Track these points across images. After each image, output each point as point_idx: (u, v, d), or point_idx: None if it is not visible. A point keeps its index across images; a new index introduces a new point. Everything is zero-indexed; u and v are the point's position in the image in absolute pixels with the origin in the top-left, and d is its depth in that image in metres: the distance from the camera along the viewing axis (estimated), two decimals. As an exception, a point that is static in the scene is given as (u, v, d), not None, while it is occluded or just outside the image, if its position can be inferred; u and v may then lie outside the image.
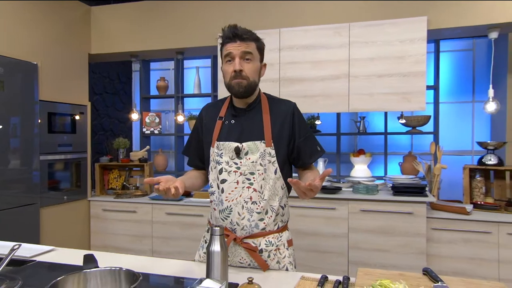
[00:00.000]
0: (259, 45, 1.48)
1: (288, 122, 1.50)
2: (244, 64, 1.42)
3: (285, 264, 1.50)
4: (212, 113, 1.58)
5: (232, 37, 1.42)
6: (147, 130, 4.72)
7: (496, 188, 3.10)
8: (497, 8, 2.78)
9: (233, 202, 1.44)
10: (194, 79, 4.59)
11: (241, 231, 1.45)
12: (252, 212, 1.44)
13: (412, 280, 1.18)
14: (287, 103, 1.56)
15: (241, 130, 1.48)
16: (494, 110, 2.91)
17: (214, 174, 1.50)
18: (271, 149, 1.45)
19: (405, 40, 2.90)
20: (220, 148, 1.47)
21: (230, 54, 1.42)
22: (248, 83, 1.43)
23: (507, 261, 2.73)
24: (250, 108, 1.51)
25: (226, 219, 1.47)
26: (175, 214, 3.49)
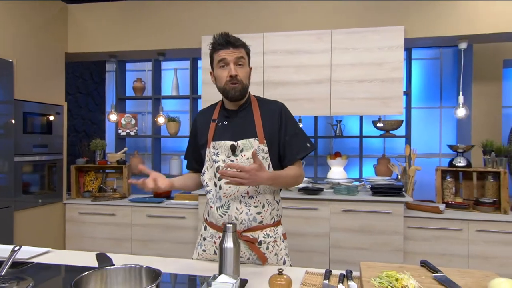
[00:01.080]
0: (247, 50, 1.60)
1: (276, 120, 1.58)
2: (237, 69, 1.52)
3: (282, 256, 1.58)
4: (205, 118, 1.66)
5: (225, 44, 1.51)
6: (123, 131, 4.63)
7: (465, 189, 3.32)
8: (466, 21, 2.99)
9: (231, 198, 1.51)
10: (172, 81, 4.56)
11: (240, 225, 1.52)
12: (249, 206, 1.51)
13: (412, 272, 1.27)
14: (276, 103, 1.66)
15: (235, 129, 1.56)
16: (463, 116, 3.12)
17: (210, 173, 1.57)
18: (264, 146, 1.53)
19: (384, 48, 3.05)
20: (216, 148, 1.55)
21: (224, 60, 1.51)
22: (242, 86, 1.54)
23: (475, 256, 2.93)
24: (241, 109, 1.60)
25: (224, 214, 1.53)
26: (156, 217, 3.47)
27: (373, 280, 1.18)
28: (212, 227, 1.60)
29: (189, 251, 3.39)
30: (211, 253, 1.59)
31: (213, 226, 1.59)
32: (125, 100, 4.79)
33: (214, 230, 1.59)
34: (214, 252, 1.58)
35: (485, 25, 2.97)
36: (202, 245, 1.63)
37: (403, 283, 1.13)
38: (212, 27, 3.43)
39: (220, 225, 1.54)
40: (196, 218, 3.36)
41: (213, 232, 1.59)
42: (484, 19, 2.97)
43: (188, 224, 3.40)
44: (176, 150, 4.85)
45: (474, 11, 2.98)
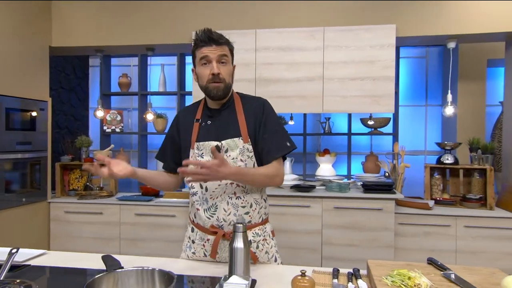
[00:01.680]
0: (231, 47, 1.53)
1: (258, 116, 1.53)
2: (220, 67, 1.46)
3: (273, 254, 1.57)
4: (188, 117, 1.60)
5: (208, 41, 1.45)
6: (108, 128, 4.53)
7: (451, 185, 3.39)
8: (456, 21, 3.04)
9: (218, 199, 1.48)
10: (159, 77, 4.48)
11: (228, 226, 1.49)
12: (237, 207, 1.49)
13: (420, 269, 1.28)
14: (258, 99, 1.60)
15: (218, 129, 1.52)
16: (452, 114, 3.18)
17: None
18: (248, 145, 1.50)
19: (376, 46, 3.08)
20: (200, 149, 1.51)
21: (206, 57, 1.45)
22: (225, 85, 1.48)
23: (463, 251, 3.00)
24: (224, 107, 1.55)
25: (212, 216, 1.49)
26: (145, 215, 3.40)
27: (385, 279, 1.18)
28: (199, 229, 1.55)
29: (179, 250, 3.34)
30: (200, 256, 1.55)
31: (201, 228, 1.54)
32: (110, 96, 4.68)
33: (202, 233, 1.54)
34: (204, 254, 1.54)
35: (474, 25, 3.03)
36: (192, 247, 1.58)
37: (415, 282, 1.14)
38: (204, 22, 3.37)
39: (208, 227, 1.50)
40: (187, 216, 3.31)
41: (201, 235, 1.54)
42: (473, 19, 3.03)
43: (178, 223, 3.35)
44: (163, 147, 4.77)
45: (463, 11, 3.04)
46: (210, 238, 1.52)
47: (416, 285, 1.13)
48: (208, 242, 1.52)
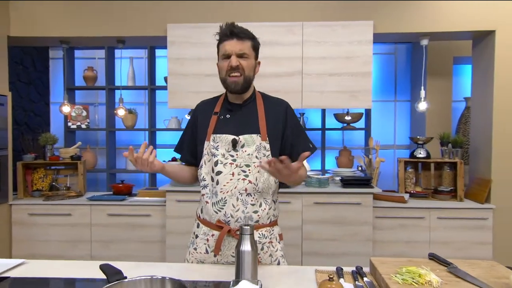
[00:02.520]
0: (255, 43, 1.53)
1: (282, 119, 1.55)
2: (240, 61, 1.46)
3: (277, 258, 1.55)
4: (206, 109, 1.59)
5: (230, 35, 1.46)
6: (73, 124, 4.29)
7: (423, 178, 3.51)
8: (429, 19, 3.13)
9: (228, 194, 1.45)
10: (128, 71, 4.30)
11: (235, 223, 1.46)
12: (246, 204, 1.45)
13: (424, 265, 1.29)
14: (281, 101, 1.62)
15: (237, 124, 1.51)
16: (425, 109, 3.28)
17: (208, 167, 1.51)
18: (266, 143, 1.49)
19: (354, 42, 3.10)
20: (216, 141, 1.49)
21: (227, 51, 1.46)
22: (244, 78, 1.48)
23: (436, 242, 3.11)
24: (245, 103, 1.55)
25: (220, 211, 1.46)
26: (118, 215, 3.26)
27: (395, 277, 1.18)
28: (205, 224, 1.52)
29: (156, 250, 3.24)
30: (202, 252, 1.51)
31: (206, 224, 1.51)
32: (74, 91, 4.43)
33: (207, 228, 1.51)
34: (205, 250, 1.50)
35: (446, 23, 3.12)
36: (194, 243, 1.54)
37: (425, 279, 1.14)
38: (178, 15, 3.25)
39: (215, 222, 1.47)
40: (163, 215, 3.21)
41: (206, 230, 1.51)
42: (445, 17, 3.12)
43: (154, 222, 3.24)
44: (133, 144, 4.59)
45: (436, 10, 3.12)
46: (215, 234, 1.48)
47: (426, 282, 1.14)
48: (213, 238, 1.49)
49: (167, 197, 3.15)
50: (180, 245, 3.15)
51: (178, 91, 3.22)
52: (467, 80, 4.45)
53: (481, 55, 3.31)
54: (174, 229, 3.15)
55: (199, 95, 3.21)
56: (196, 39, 3.19)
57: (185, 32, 3.19)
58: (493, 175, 3.11)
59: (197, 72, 3.20)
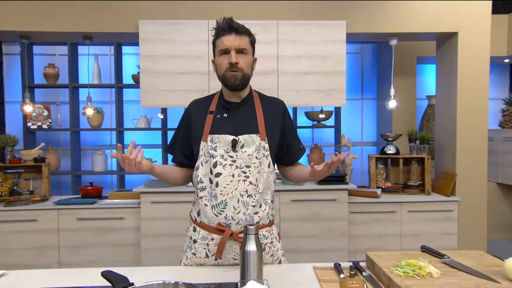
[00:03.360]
0: (252, 39, 1.51)
1: (279, 119, 1.55)
2: (239, 57, 1.43)
3: (278, 257, 1.54)
4: (200, 109, 1.55)
5: (228, 30, 1.43)
6: (33, 124, 4.05)
7: (393, 174, 3.64)
8: (398, 20, 3.24)
9: (229, 196, 1.41)
10: (93, 68, 4.11)
11: (236, 225, 1.43)
12: (247, 206, 1.43)
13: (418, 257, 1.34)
14: (278, 101, 1.62)
15: (235, 123, 1.48)
16: (395, 107, 3.40)
17: (205, 168, 1.46)
18: (265, 143, 1.48)
19: (328, 41, 3.15)
20: (214, 142, 1.45)
21: (225, 47, 1.43)
22: (243, 75, 1.45)
23: (407, 234, 3.24)
24: (243, 102, 1.52)
25: (220, 214, 1.42)
26: (88, 219, 3.12)
27: (396, 270, 1.21)
28: (203, 228, 1.46)
29: (130, 254, 3.13)
30: (202, 256, 1.46)
31: (205, 227, 1.46)
32: (33, 89, 4.18)
33: (205, 232, 1.45)
34: (205, 255, 1.45)
35: (414, 24, 3.25)
36: (192, 247, 1.48)
37: (426, 271, 1.18)
38: (151, 11, 3.15)
39: (214, 226, 1.43)
40: (137, 217, 3.11)
41: (204, 234, 1.46)
42: (413, 19, 3.24)
43: (127, 225, 3.13)
44: (98, 144, 4.41)
45: (405, 12, 3.24)
46: (215, 237, 1.43)
47: (427, 274, 1.18)
48: (213, 242, 1.44)
49: (141, 198, 3.06)
50: (156, 247, 3.07)
51: (150, 90, 3.13)
52: (429, 79, 4.67)
53: (444, 55, 3.48)
54: (149, 232, 3.06)
55: (173, 93, 3.13)
56: (169, 36, 3.11)
57: (158, 28, 3.10)
58: (458, 169, 3.29)
59: (171, 70, 3.12)
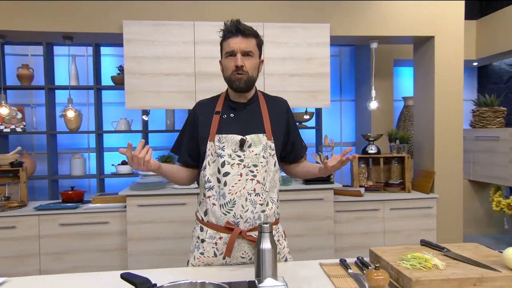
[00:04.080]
0: (259, 41, 1.51)
1: (284, 118, 1.59)
2: (245, 60, 1.44)
3: (284, 255, 1.57)
4: (206, 109, 1.56)
5: (235, 32, 1.44)
6: (6, 127, 3.89)
7: (374, 173, 3.75)
8: (379, 24, 3.35)
9: (237, 195, 1.44)
10: (70, 69, 4.00)
11: (244, 223, 1.45)
12: (255, 204, 1.45)
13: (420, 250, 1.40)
14: (282, 100, 1.66)
15: (242, 123, 1.51)
16: (376, 108, 3.51)
17: (213, 168, 1.48)
18: (271, 142, 1.51)
19: (312, 44, 3.21)
20: (222, 141, 1.47)
21: (232, 49, 1.44)
22: (248, 78, 1.46)
23: (390, 231, 3.35)
24: (249, 102, 1.55)
25: (228, 212, 1.44)
26: (71, 225, 3.03)
27: (403, 263, 1.26)
28: (210, 227, 1.48)
29: (115, 259, 3.06)
30: (210, 255, 1.47)
31: (212, 226, 1.47)
32: (6, 90, 4.00)
33: (213, 231, 1.47)
34: (214, 254, 1.47)
35: (395, 28, 3.36)
36: (200, 247, 1.49)
37: (431, 263, 1.24)
38: (137, 12, 3.10)
39: (223, 225, 1.45)
40: (123, 221, 3.04)
41: (212, 233, 1.47)
42: (394, 22, 3.36)
43: (112, 230, 3.06)
44: (75, 147, 4.29)
45: (385, 16, 3.35)
46: (223, 236, 1.45)
47: (433, 266, 1.23)
48: (221, 241, 1.45)
49: (127, 202, 3.00)
50: (143, 251, 3.02)
51: (135, 91, 3.08)
52: (405, 81, 4.85)
53: (422, 58, 3.62)
54: (136, 235, 3.01)
55: (159, 95, 3.10)
56: (154, 37, 3.07)
57: (143, 29, 3.06)
58: (436, 168, 3.43)
59: (156, 72, 3.09)
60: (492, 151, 4.19)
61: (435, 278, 1.15)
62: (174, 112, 4.15)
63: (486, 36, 4.42)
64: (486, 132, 4.26)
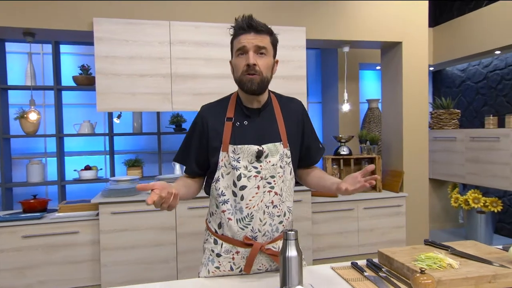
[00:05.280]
0: (273, 40, 1.39)
1: (299, 121, 1.49)
2: (257, 58, 1.32)
3: None
4: (216, 115, 1.42)
5: (247, 28, 1.32)
6: (-48, 131, 3.52)
7: (345, 174, 3.84)
8: (351, 28, 3.44)
9: (254, 209, 1.35)
10: (26, 68, 3.71)
11: (263, 237, 1.38)
12: (273, 217, 1.38)
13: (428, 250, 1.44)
14: (296, 101, 1.54)
15: (257, 132, 1.39)
16: (348, 110, 3.60)
17: (227, 180, 1.37)
18: (287, 150, 1.41)
19: (289, 47, 3.23)
20: (237, 152, 1.35)
21: (243, 47, 1.32)
22: (261, 78, 1.33)
23: (363, 230, 3.45)
24: (264, 108, 1.43)
25: (246, 227, 1.36)
26: (37, 236, 2.81)
27: (420, 264, 1.29)
28: (226, 241, 1.39)
29: (86, 271, 2.88)
30: (226, 270, 1.40)
31: (229, 240, 1.39)
32: (-50, 90, 3.63)
33: (229, 245, 1.39)
34: (230, 268, 1.39)
35: (365, 33, 3.47)
36: (215, 261, 1.41)
37: (446, 262, 1.28)
38: (108, 9, 2.93)
39: (241, 239, 1.37)
40: (95, 230, 2.86)
41: (228, 247, 1.39)
42: (365, 27, 3.47)
43: (83, 240, 2.87)
44: (31, 152, 3.98)
45: (356, 21, 3.45)
46: (240, 251, 1.37)
47: (447, 265, 1.27)
48: (238, 255, 1.37)
49: (100, 209, 2.83)
50: (118, 261, 2.86)
51: (108, 93, 2.91)
52: (369, 84, 5.03)
53: (389, 63, 3.77)
54: (110, 245, 2.85)
55: (134, 96, 2.96)
56: (128, 36, 2.93)
57: (115, 28, 2.90)
58: (405, 167, 3.58)
59: (131, 72, 2.94)
60: (449, 150, 4.46)
61: (455, 278, 1.19)
62: (141, 115, 3.99)
63: (441, 43, 4.71)
64: (443, 133, 4.53)
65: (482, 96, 4.73)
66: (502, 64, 4.46)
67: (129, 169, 3.85)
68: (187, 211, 2.98)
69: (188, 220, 2.98)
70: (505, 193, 4.44)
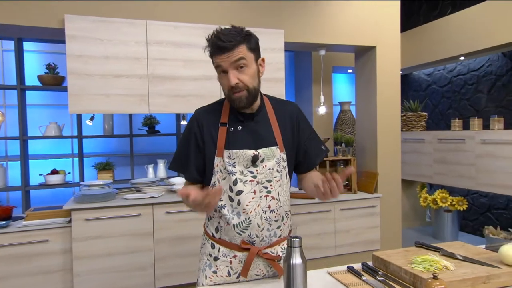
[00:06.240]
0: (251, 44, 1.32)
1: (295, 126, 1.47)
2: (238, 74, 1.28)
3: None
4: (210, 120, 1.40)
5: (218, 50, 1.27)
6: None
7: (320, 175, 3.87)
8: (327, 32, 3.48)
9: (252, 214, 1.34)
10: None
11: (260, 242, 1.37)
12: (271, 221, 1.37)
13: (420, 252, 1.46)
14: (291, 104, 1.53)
15: (253, 136, 1.38)
16: (324, 113, 3.63)
17: (223, 186, 1.36)
18: (283, 154, 1.40)
19: (268, 49, 3.21)
20: (232, 157, 1.34)
21: (221, 67, 1.29)
22: (248, 92, 1.31)
23: (340, 231, 3.49)
24: (258, 112, 1.41)
25: (243, 232, 1.35)
26: (2, 247, 2.62)
27: (416, 267, 1.31)
28: (223, 245, 1.38)
29: (57, 281, 2.72)
30: (223, 275, 1.37)
31: (226, 244, 1.38)
32: None
33: (226, 249, 1.38)
34: (227, 273, 1.37)
35: (340, 37, 3.52)
36: (212, 265, 1.38)
37: (441, 264, 1.31)
38: (80, 5, 2.80)
39: (238, 244, 1.35)
40: (66, 238, 2.72)
41: (225, 251, 1.37)
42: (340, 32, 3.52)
43: (53, 248, 2.71)
44: (-7, 156, 3.73)
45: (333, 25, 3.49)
46: (238, 255, 1.35)
47: (443, 267, 1.30)
48: (236, 259, 1.36)
49: (72, 216, 2.68)
50: (92, 270, 2.73)
51: (81, 94, 2.77)
52: (342, 87, 5.12)
53: (363, 66, 3.85)
54: (84, 253, 2.71)
55: (108, 98, 2.83)
56: (102, 35, 2.80)
57: (89, 26, 2.77)
58: (379, 169, 3.67)
59: (105, 73, 2.82)
60: (418, 152, 4.62)
61: (453, 279, 1.21)
62: (113, 116, 3.85)
63: (409, 48, 4.88)
64: (412, 135, 4.69)
65: (447, 99, 4.94)
66: (465, 70, 4.68)
67: (99, 173, 3.70)
68: (165, 215, 2.89)
69: (166, 225, 2.90)
70: (469, 192, 4.66)
